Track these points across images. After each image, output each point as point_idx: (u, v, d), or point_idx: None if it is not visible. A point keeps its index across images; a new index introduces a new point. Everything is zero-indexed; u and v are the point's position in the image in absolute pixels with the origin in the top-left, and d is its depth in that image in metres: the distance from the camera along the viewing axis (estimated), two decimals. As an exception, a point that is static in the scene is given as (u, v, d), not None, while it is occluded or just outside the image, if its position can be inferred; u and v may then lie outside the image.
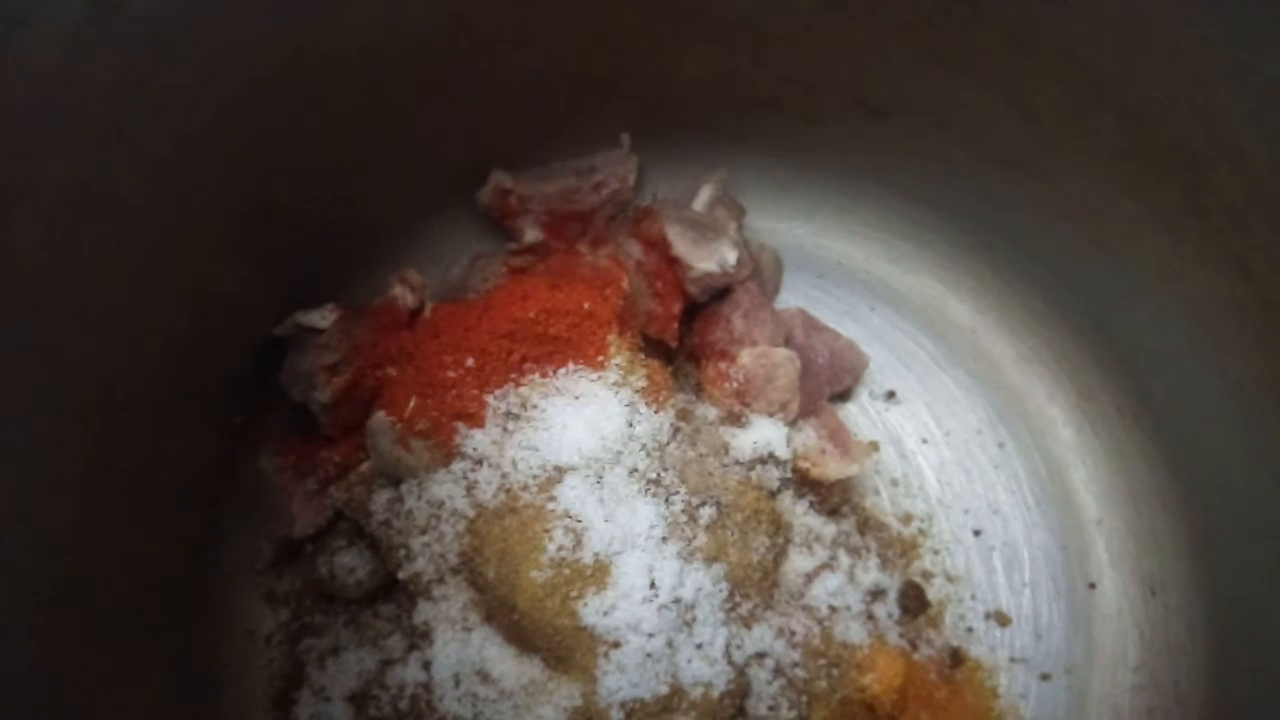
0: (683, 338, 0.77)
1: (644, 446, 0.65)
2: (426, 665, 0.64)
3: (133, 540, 0.64)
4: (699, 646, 0.61)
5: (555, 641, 0.60)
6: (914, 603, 0.73)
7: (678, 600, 0.61)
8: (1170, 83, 0.60)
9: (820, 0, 0.69)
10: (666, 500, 0.63)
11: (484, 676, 0.62)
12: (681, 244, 0.75)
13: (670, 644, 0.60)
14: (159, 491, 0.66)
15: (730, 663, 0.62)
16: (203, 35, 0.52)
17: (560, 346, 0.66)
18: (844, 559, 0.71)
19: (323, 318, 0.69)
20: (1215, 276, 0.65)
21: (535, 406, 0.65)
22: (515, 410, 0.65)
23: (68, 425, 0.58)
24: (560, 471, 0.62)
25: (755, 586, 0.65)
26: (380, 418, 0.65)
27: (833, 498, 0.74)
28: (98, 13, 0.46)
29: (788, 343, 0.77)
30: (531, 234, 0.77)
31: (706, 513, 0.64)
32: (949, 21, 0.66)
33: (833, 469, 0.72)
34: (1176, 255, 0.67)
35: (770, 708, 0.64)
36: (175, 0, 0.50)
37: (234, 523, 0.71)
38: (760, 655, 0.64)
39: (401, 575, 0.65)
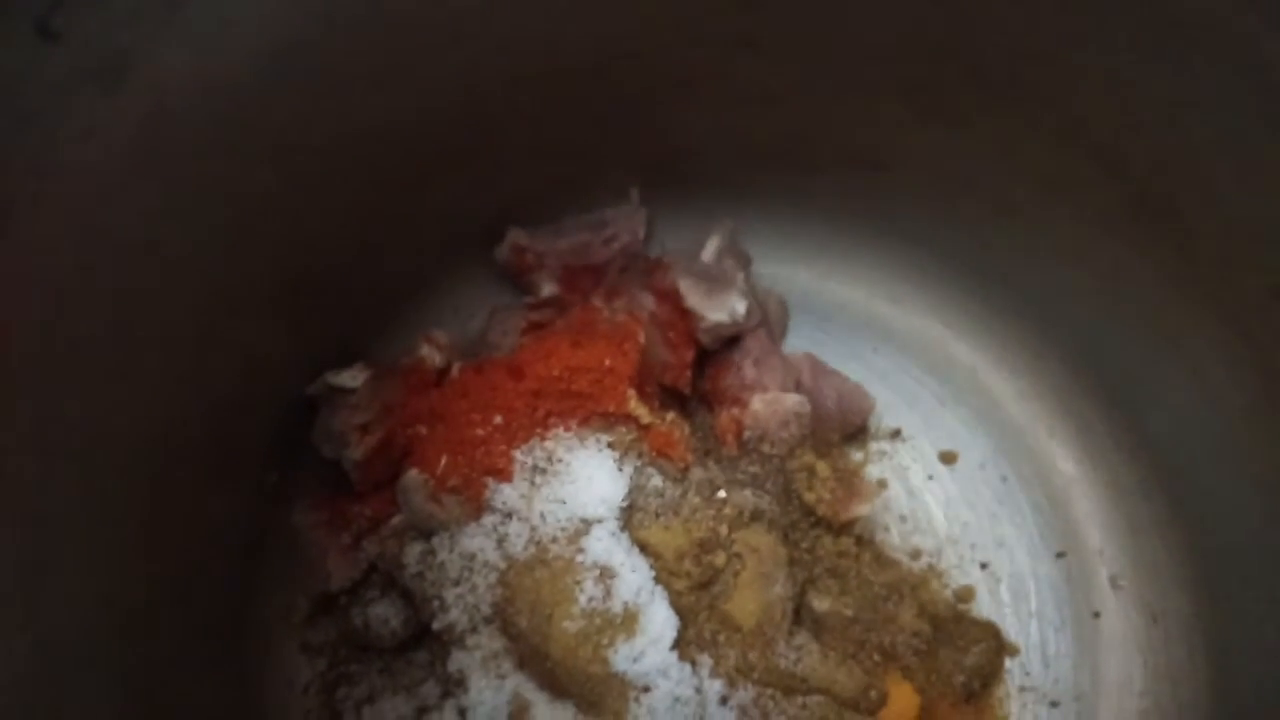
0: (695, 383, 0.80)
1: (664, 496, 0.68)
2: (462, 712, 0.66)
3: (184, 592, 0.67)
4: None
5: (588, 688, 0.63)
6: (926, 636, 0.76)
7: (703, 644, 0.64)
8: (1157, 144, 0.64)
9: (814, 64, 0.73)
10: (689, 548, 0.66)
11: (518, 721, 0.65)
12: (693, 296, 0.78)
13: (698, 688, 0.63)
14: (206, 547, 0.69)
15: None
16: (250, 135, 0.57)
17: (582, 401, 0.69)
18: (858, 595, 0.74)
19: (353, 378, 0.72)
20: (1202, 315, 0.68)
21: (560, 460, 0.68)
22: (541, 464, 0.67)
23: (134, 481, 0.62)
24: (587, 524, 0.65)
25: (775, 627, 0.68)
26: (413, 475, 0.68)
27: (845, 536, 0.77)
28: (155, 124, 0.50)
29: (797, 387, 0.80)
30: (548, 288, 0.81)
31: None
32: (943, 83, 0.70)
33: (844, 509, 0.74)
34: (1163, 296, 0.70)
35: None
36: (227, 107, 0.54)
37: (271, 577, 0.74)
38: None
39: (436, 626, 0.68)
